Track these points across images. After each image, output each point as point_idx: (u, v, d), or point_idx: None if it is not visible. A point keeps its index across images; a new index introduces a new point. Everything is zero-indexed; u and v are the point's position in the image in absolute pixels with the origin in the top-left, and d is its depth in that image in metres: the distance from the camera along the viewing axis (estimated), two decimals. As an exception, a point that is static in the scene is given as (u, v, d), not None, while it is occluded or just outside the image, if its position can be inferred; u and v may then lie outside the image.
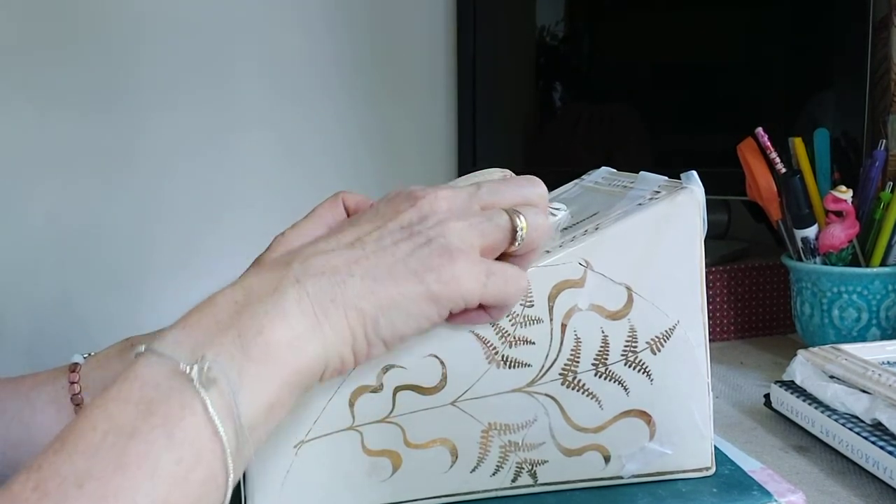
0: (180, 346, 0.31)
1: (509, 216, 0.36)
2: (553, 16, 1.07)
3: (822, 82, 0.78)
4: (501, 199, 0.37)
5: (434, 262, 0.34)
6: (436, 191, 0.36)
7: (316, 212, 0.52)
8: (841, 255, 0.69)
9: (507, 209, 0.36)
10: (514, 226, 0.36)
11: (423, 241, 0.34)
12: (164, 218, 1.07)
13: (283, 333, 0.32)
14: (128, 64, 1.04)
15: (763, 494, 0.40)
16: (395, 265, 0.34)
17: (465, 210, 0.35)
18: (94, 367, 0.51)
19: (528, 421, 0.40)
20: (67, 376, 0.50)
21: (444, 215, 0.35)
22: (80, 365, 0.51)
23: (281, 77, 1.10)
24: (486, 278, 0.35)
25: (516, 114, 1.13)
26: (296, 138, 1.11)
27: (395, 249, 0.34)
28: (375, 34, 1.13)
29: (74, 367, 0.51)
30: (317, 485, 0.39)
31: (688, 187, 0.41)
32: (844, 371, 0.54)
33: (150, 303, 1.06)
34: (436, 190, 0.36)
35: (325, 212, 0.51)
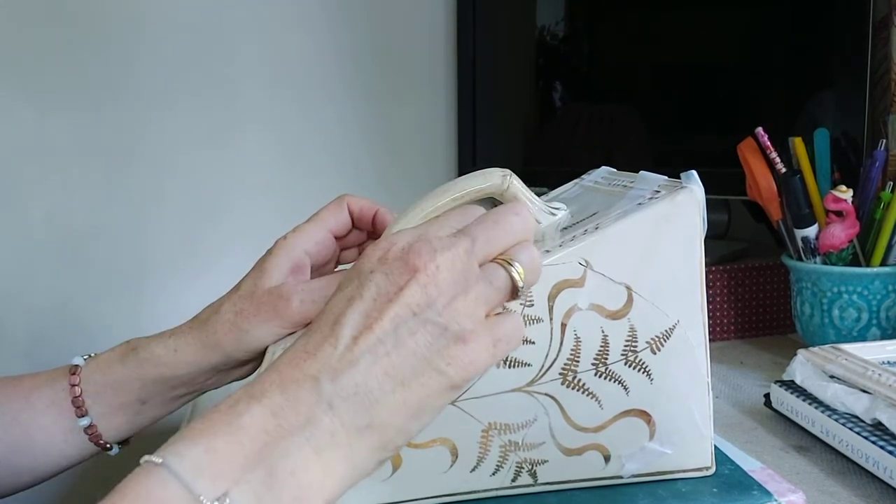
0: (201, 475, 0.28)
1: (506, 271, 0.35)
2: (553, 16, 1.07)
3: (822, 82, 0.78)
4: (495, 248, 0.35)
5: (452, 352, 0.33)
6: (434, 258, 0.33)
7: (320, 215, 0.51)
8: (841, 254, 0.69)
9: (501, 260, 0.35)
10: (514, 283, 0.35)
11: (438, 331, 0.33)
12: (164, 218, 1.07)
13: (315, 474, 0.30)
14: (127, 64, 1.04)
15: (763, 494, 0.40)
16: (418, 364, 0.32)
17: (466, 278, 0.34)
18: (94, 370, 0.50)
19: (528, 420, 0.40)
20: (68, 378, 0.50)
21: (449, 294, 0.33)
22: (81, 367, 0.51)
23: (281, 77, 1.10)
24: (494, 348, 0.34)
25: (516, 114, 1.13)
26: (295, 138, 1.11)
27: (413, 344, 0.32)
28: (375, 34, 1.13)
29: (74, 370, 0.51)
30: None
31: (688, 187, 0.41)
32: (844, 371, 0.54)
33: (150, 303, 1.06)
34: (433, 256, 0.33)
35: (329, 216, 0.51)
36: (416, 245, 0.34)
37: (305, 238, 0.50)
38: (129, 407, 0.51)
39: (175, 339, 0.49)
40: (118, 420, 0.51)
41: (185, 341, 0.49)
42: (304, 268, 0.50)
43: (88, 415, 0.50)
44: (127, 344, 0.51)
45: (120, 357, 0.50)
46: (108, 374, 0.50)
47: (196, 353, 0.49)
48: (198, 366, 0.49)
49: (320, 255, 0.51)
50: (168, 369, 0.49)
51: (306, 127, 1.11)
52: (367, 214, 0.52)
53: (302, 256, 0.50)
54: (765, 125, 0.72)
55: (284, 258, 0.49)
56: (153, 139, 1.06)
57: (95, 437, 0.50)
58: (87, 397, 0.50)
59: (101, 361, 0.51)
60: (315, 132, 1.12)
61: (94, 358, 0.52)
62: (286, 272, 0.49)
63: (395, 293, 0.33)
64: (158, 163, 1.06)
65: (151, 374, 0.49)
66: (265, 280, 0.48)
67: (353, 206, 0.52)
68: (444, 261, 0.33)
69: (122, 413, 0.51)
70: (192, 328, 0.50)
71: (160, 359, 0.49)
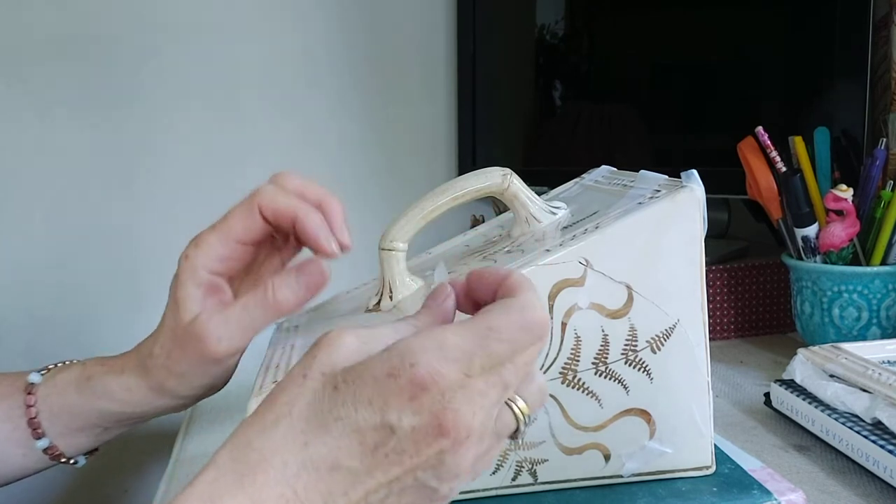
0: None
1: (514, 416, 0.32)
2: (553, 15, 1.07)
3: (822, 81, 0.78)
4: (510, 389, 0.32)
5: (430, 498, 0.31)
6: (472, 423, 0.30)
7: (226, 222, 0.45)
8: (841, 253, 0.69)
9: (508, 401, 0.32)
10: (518, 427, 0.33)
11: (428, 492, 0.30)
12: (164, 219, 1.07)
13: None
14: (128, 68, 1.04)
15: (763, 493, 0.40)
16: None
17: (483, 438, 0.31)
18: (50, 392, 0.47)
19: (528, 420, 0.40)
20: (23, 397, 0.47)
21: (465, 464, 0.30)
22: (37, 386, 0.48)
23: (281, 77, 1.10)
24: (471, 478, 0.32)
25: (516, 113, 1.13)
26: (295, 139, 1.11)
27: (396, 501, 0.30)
28: (375, 33, 1.13)
29: (31, 388, 0.47)
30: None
31: (688, 186, 0.41)
32: (844, 370, 0.54)
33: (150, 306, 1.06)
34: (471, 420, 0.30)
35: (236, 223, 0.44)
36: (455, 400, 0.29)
37: (207, 258, 0.44)
38: (90, 430, 0.48)
39: (126, 376, 0.46)
40: (79, 440, 0.48)
41: (135, 382, 0.46)
42: (217, 287, 0.45)
43: (46, 436, 0.47)
44: (83, 368, 0.48)
45: (75, 384, 0.47)
46: (63, 398, 0.47)
47: (147, 395, 0.46)
48: (152, 405, 0.46)
49: (232, 270, 0.45)
50: (124, 406, 0.47)
51: (305, 127, 1.11)
52: (283, 221, 0.44)
53: (209, 279, 0.44)
54: (765, 124, 0.72)
55: (192, 286, 0.44)
56: (154, 141, 1.06)
57: (56, 456, 0.48)
58: (43, 419, 0.47)
59: (58, 385, 0.48)
60: (314, 133, 1.12)
61: (50, 377, 0.48)
62: (200, 299, 0.44)
63: (410, 455, 0.29)
64: (158, 165, 1.06)
65: (108, 408, 0.47)
66: (182, 314, 0.44)
67: (267, 213, 0.44)
68: (477, 424, 0.30)
69: (83, 434, 0.48)
70: (137, 367, 0.46)
71: (114, 395, 0.46)
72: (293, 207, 0.43)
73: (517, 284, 0.33)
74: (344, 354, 0.31)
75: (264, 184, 0.45)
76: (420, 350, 0.29)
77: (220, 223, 0.45)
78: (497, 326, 0.31)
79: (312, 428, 0.29)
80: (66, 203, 1.04)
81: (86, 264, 1.04)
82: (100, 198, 1.05)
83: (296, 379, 0.30)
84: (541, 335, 0.32)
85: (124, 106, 1.04)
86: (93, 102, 1.03)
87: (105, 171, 1.05)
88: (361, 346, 0.31)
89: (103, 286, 1.05)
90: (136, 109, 1.05)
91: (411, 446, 0.29)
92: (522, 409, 0.32)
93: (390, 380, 0.29)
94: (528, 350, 0.31)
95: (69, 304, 1.04)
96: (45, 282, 1.03)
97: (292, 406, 0.30)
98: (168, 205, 1.07)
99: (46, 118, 1.02)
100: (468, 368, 0.30)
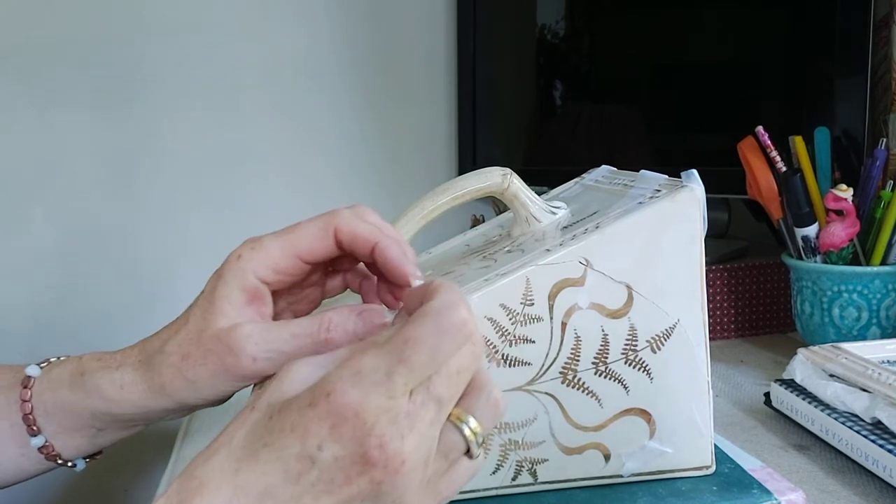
0: None
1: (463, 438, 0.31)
2: (553, 14, 1.07)
3: (822, 81, 0.78)
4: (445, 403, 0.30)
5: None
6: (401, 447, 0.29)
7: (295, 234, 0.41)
8: (841, 253, 0.69)
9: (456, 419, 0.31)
10: (469, 448, 0.32)
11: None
12: (165, 218, 1.07)
13: None
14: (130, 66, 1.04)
15: (763, 493, 0.40)
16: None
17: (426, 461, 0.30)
18: (45, 388, 0.45)
19: (528, 419, 0.40)
20: (20, 392, 0.45)
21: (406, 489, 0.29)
22: (34, 380, 0.45)
23: (281, 77, 1.10)
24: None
25: (516, 113, 1.13)
26: (295, 137, 1.11)
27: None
28: (375, 33, 1.13)
29: (27, 382, 0.45)
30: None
31: (688, 186, 0.41)
32: (844, 370, 0.54)
33: (151, 302, 1.06)
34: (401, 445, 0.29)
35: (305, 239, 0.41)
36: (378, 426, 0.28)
37: (263, 265, 0.40)
38: (85, 430, 0.45)
39: (122, 371, 0.43)
40: (76, 440, 0.46)
41: (132, 378, 0.42)
42: (261, 297, 0.41)
43: (42, 433, 0.45)
44: (79, 362, 0.45)
45: (69, 380, 0.44)
46: (57, 395, 0.44)
47: (142, 395, 0.42)
48: (146, 408, 0.43)
49: (281, 285, 0.42)
50: (115, 406, 0.43)
51: (305, 127, 1.11)
52: (361, 247, 0.40)
53: (255, 286, 0.40)
54: (765, 124, 0.72)
55: (236, 288, 0.40)
56: (155, 141, 1.06)
57: (52, 456, 0.46)
58: (38, 416, 0.44)
59: (53, 380, 0.45)
60: (315, 133, 1.12)
61: (48, 370, 0.46)
62: (240, 305, 0.40)
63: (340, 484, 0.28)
64: (160, 164, 1.06)
65: (99, 407, 0.44)
66: (215, 316, 0.40)
67: (344, 236, 0.40)
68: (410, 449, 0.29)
69: (79, 434, 0.45)
70: (140, 362, 0.43)
71: (105, 393, 0.43)
72: (375, 234, 0.40)
73: (435, 289, 0.31)
74: (295, 384, 0.31)
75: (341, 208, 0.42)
76: (337, 378, 0.29)
77: (285, 233, 0.41)
78: (413, 337, 0.29)
79: (245, 455, 0.29)
80: (67, 203, 1.04)
81: (86, 264, 1.05)
82: (100, 197, 1.05)
83: (244, 411, 0.31)
84: (466, 336, 0.30)
85: (125, 105, 1.04)
86: (93, 102, 1.03)
87: (106, 171, 1.05)
88: (314, 372, 0.31)
89: (104, 286, 1.05)
90: (136, 109, 1.05)
91: (340, 475, 0.28)
92: (474, 429, 0.31)
93: (310, 409, 0.29)
94: (455, 356, 0.30)
95: (69, 303, 1.04)
96: (46, 282, 1.03)
97: (233, 435, 0.30)
98: (169, 204, 1.07)
99: (47, 118, 1.02)
100: (390, 390, 0.29)
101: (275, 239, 0.41)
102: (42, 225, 1.03)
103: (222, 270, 0.41)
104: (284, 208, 1.10)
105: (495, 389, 0.32)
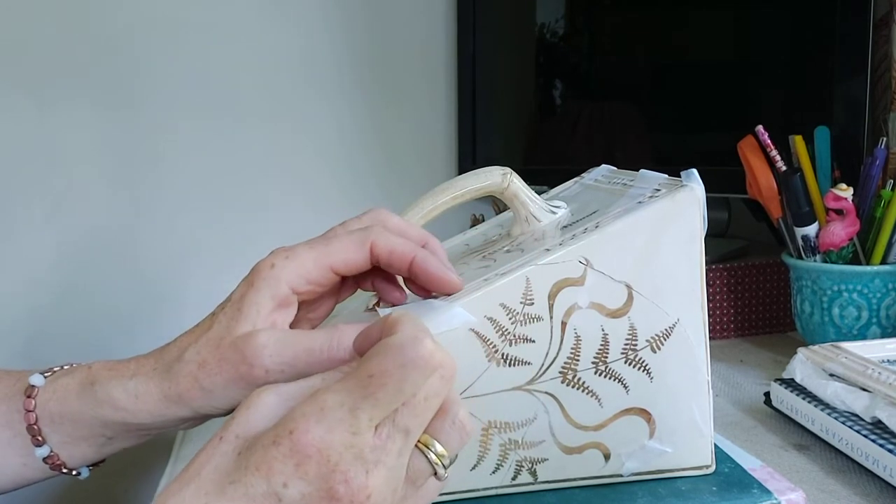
0: None
1: (430, 464, 0.32)
2: (553, 13, 1.07)
3: (822, 80, 0.78)
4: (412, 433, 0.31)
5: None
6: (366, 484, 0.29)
7: (330, 247, 0.40)
8: (841, 253, 0.69)
9: (422, 445, 0.32)
10: (436, 474, 0.32)
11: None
12: (166, 219, 1.07)
13: None
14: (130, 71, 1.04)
15: (763, 492, 0.40)
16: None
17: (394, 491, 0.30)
18: (50, 397, 0.44)
19: (528, 419, 0.40)
20: (23, 401, 0.44)
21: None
22: (38, 389, 0.44)
23: (281, 76, 1.10)
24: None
25: (516, 112, 1.13)
26: (296, 137, 1.11)
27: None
28: (375, 33, 1.13)
29: (31, 391, 0.44)
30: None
31: (688, 185, 0.41)
32: (844, 369, 0.54)
33: (152, 303, 1.06)
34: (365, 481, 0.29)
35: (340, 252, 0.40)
36: (342, 462, 0.29)
37: (296, 275, 0.40)
38: (93, 440, 0.45)
39: (136, 381, 0.42)
40: (82, 449, 0.45)
41: (147, 388, 0.42)
42: (289, 306, 0.41)
43: (47, 444, 0.44)
44: (88, 371, 0.44)
45: (77, 390, 0.44)
46: (64, 405, 0.44)
47: (158, 404, 0.42)
48: (162, 417, 0.42)
49: (312, 295, 0.42)
50: (129, 416, 0.42)
51: (305, 127, 1.11)
52: (398, 262, 0.40)
53: (287, 294, 0.40)
54: (765, 123, 0.72)
55: (267, 297, 0.40)
56: (156, 142, 1.06)
57: (57, 465, 0.45)
58: (43, 426, 0.44)
59: (59, 389, 0.44)
60: (315, 133, 1.12)
61: (52, 379, 0.45)
62: (268, 313, 0.40)
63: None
64: (160, 165, 1.06)
65: (111, 417, 0.43)
66: (240, 324, 0.40)
67: (381, 251, 0.40)
68: (376, 483, 0.29)
69: (85, 444, 0.45)
70: (155, 371, 0.42)
71: (118, 403, 0.42)
72: (412, 248, 0.40)
73: (394, 321, 0.31)
74: (262, 414, 0.31)
75: (367, 220, 0.43)
76: (300, 416, 0.29)
77: (319, 244, 0.41)
78: (378, 372, 0.29)
79: (213, 489, 0.30)
80: (68, 204, 1.04)
81: (86, 264, 1.04)
82: (100, 197, 1.05)
83: (213, 441, 0.31)
84: (434, 367, 0.30)
85: (125, 106, 1.04)
86: (94, 103, 1.03)
87: (107, 172, 1.05)
88: (282, 403, 0.31)
89: (104, 286, 1.05)
90: (136, 109, 1.05)
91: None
92: (440, 453, 0.32)
93: (274, 447, 0.29)
94: (423, 387, 0.30)
95: (70, 305, 1.04)
96: (47, 283, 1.03)
97: (202, 468, 0.30)
98: (168, 204, 1.07)
99: (48, 118, 1.02)
100: (354, 426, 0.29)
101: (309, 250, 0.40)
102: (42, 225, 1.03)
103: (252, 278, 0.40)
104: (284, 208, 1.10)
105: (461, 411, 0.33)
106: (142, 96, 1.05)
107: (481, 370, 0.39)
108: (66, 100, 1.02)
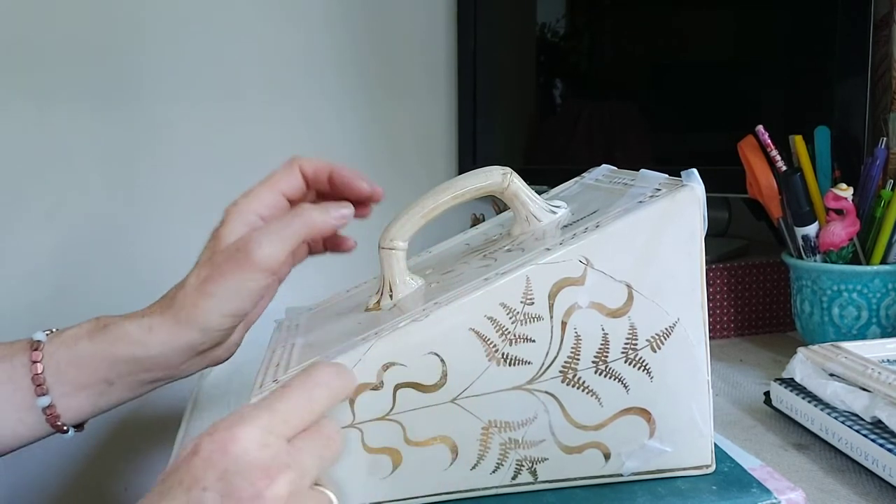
0: None
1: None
2: (554, 13, 1.07)
3: (822, 80, 0.78)
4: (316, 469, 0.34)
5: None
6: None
7: (271, 178, 0.50)
8: (841, 252, 0.69)
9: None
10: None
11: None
12: (166, 216, 1.07)
13: None
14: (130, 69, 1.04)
15: (762, 492, 0.40)
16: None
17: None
18: (59, 346, 0.48)
19: (528, 418, 0.40)
20: (28, 354, 0.47)
21: None
22: (43, 343, 0.48)
23: (281, 76, 1.10)
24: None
25: (516, 112, 1.13)
26: (295, 136, 1.11)
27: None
28: (376, 32, 1.13)
29: (37, 345, 0.48)
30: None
31: (688, 185, 0.41)
32: (844, 369, 0.54)
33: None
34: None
35: (281, 178, 0.50)
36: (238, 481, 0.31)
37: (257, 202, 0.49)
38: (94, 387, 0.48)
39: (149, 318, 0.48)
40: (79, 401, 0.48)
41: (160, 320, 0.47)
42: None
43: (49, 394, 0.47)
44: (97, 320, 0.49)
45: (88, 333, 0.48)
46: (73, 350, 0.47)
47: (170, 330, 0.47)
48: (172, 345, 0.47)
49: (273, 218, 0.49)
50: (141, 349, 0.47)
51: (305, 126, 1.11)
52: (321, 175, 0.51)
53: (255, 220, 0.48)
54: (765, 123, 0.72)
55: (238, 224, 0.48)
56: (156, 139, 1.06)
57: (53, 417, 0.48)
58: (48, 375, 0.47)
59: (67, 337, 0.48)
60: (315, 132, 1.12)
61: (57, 334, 0.49)
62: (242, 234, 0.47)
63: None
64: (160, 162, 1.06)
65: (123, 354, 0.47)
66: (222, 244, 0.47)
67: (306, 168, 0.51)
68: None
69: (84, 394, 0.48)
70: (162, 307, 0.48)
71: (132, 336, 0.47)
72: (327, 164, 0.51)
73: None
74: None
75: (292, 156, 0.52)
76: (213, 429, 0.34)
77: (264, 180, 0.50)
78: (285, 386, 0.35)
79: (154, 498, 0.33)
80: (67, 202, 1.04)
81: (86, 263, 1.05)
82: (101, 196, 1.05)
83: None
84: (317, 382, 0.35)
85: (125, 104, 1.04)
86: (94, 100, 1.03)
87: (106, 169, 1.05)
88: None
89: (104, 285, 1.05)
90: (136, 107, 1.05)
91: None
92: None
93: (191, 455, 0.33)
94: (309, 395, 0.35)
95: (69, 301, 1.04)
96: (47, 281, 1.03)
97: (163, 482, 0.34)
98: (170, 202, 1.07)
99: (47, 116, 1.02)
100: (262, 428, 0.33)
101: (259, 185, 0.50)
102: (42, 224, 1.03)
103: (223, 218, 0.48)
104: (284, 207, 1.10)
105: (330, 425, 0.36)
106: (142, 95, 1.05)
107: (481, 369, 0.39)
108: (67, 99, 1.02)
